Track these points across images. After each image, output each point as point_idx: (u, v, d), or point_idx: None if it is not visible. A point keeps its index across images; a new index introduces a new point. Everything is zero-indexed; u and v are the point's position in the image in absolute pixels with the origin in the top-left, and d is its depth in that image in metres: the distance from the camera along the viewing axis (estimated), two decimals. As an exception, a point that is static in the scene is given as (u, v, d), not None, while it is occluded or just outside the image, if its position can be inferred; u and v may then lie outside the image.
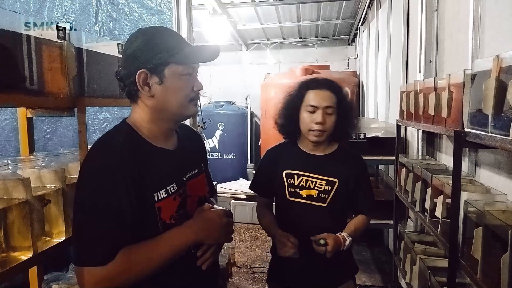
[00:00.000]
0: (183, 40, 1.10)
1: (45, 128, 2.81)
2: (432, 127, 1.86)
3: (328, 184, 1.57)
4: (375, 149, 3.20)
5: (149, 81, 1.03)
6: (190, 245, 1.05)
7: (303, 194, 1.58)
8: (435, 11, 2.61)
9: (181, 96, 1.05)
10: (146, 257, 0.97)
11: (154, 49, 1.02)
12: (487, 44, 1.81)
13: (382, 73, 4.57)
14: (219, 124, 6.82)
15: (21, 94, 1.18)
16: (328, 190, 1.56)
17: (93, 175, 0.97)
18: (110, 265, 0.92)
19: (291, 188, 1.59)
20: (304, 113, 1.56)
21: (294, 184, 1.59)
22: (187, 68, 1.05)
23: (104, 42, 1.95)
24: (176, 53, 1.02)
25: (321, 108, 1.53)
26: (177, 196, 1.07)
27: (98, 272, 0.91)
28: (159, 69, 1.02)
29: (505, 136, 1.08)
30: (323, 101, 1.53)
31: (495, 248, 1.14)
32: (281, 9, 6.00)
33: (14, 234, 1.12)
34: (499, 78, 1.13)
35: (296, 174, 1.59)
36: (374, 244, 4.23)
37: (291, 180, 1.59)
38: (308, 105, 1.54)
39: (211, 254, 1.11)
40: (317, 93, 1.55)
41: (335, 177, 1.57)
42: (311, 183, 1.57)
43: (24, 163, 1.28)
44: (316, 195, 1.56)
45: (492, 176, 1.75)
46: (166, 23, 2.79)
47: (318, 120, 1.52)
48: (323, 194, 1.57)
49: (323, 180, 1.57)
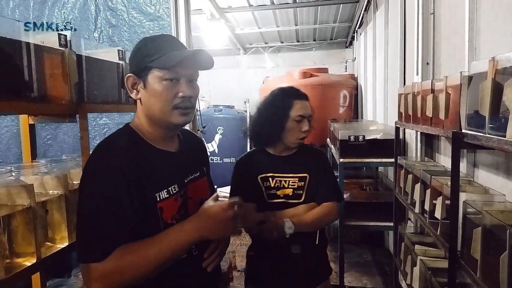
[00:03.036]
0: (174, 45, 1.07)
1: (45, 135, 2.82)
2: (430, 129, 1.87)
3: (301, 180, 1.66)
4: (374, 151, 3.21)
5: (136, 86, 1.06)
6: (193, 243, 1.02)
7: (280, 194, 1.66)
8: (431, 14, 2.63)
9: (161, 101, 1.03)
10: (143, 254, 0.95)
11: (142, 54, 1.05)
12: (483, 47, 1.83)
13: (379, 76, 4.59)
14: (218, 128, 6.82)
15: (23, 101, 1.19)
16: (301, 186, 1.66)
17: (95, 175, 0.99)
18: (108, 259, 0.92)
19: (268, 190, 1.67)
20: (292, 122, 1.64)
21: (270, 186, 1.67)
22: (170, 73, 1.02)
23: (104, 49, 1.97)
24: (158, 57, 1.02)
25: (307, 117, 1.65)
26: (178, 197, 1.08)
27: (96, 268, 0.92)
28: (143, 74, 1.04)
29: (502, 137, 1.09)
30: (308, 110, 1.67)
31: (494, 248, 1.15)
32: (279, 13, 6.03)
33: (17, 240, 1.12)
34: (495, 79, 1.15)
35: (270, 177, 1.67)
36: (375, 246, 4.24)
37: (266, 183, 1.67)
38: (297, 115, 1.64)
39: (217, 255, 1.12)
40: (302, 103, 1.66)
41: (305, 172, 1.67)
42: (285, 182, 1.66)
43: (27, 170, 1.29)
44: (292, 193, 1.65)
45: (490, 177, 1.76)
46: (165, 28, 2.81)
47: (306, 129, 1.64)
48: (298, 190, 1.66)
49: (295, 177, 1.67)
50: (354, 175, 4.52)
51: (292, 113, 1.63)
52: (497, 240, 1.13)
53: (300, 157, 1.72)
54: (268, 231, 1.52)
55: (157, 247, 0.96)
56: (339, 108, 6.15)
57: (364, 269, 3.71)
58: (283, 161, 1.70)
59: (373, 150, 3.22)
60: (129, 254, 0.94)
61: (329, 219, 1.68)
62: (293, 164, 1.69)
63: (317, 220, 1.61)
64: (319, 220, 1.62)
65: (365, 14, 5.50)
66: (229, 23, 6.21)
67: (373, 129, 3.62)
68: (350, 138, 3.24)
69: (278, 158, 1.71)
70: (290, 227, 1.51)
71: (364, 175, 4.61)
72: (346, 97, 6.19)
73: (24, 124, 1.62)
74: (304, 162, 1.70)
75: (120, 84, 1.73)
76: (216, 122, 6.74)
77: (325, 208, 1.64)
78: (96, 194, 0.96)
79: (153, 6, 2.81)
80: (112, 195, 0.95)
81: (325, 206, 1.64)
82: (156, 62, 1.02)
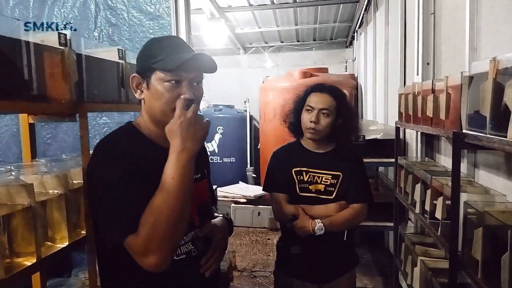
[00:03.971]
0: (179, 47, 1.06)
1: (45, 134, 2.82)
2: (431, 129, 1.87)
3: (334, 178, 1.72)
4: (374, 151, 3.21)
5: (141, 86, 1.08)
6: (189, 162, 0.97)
7: (312, 189, 1.72)
8: (432, 14, 2.63)
9: (162, 102, 1.03)
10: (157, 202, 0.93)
11: (147, 55, 1.06)
12: (484, 47, 1.83)
13: (380, 76, 4.59)
14: (218, 128, 6.82)
15: (23, 100, 1.18)
16: (334, 184, 1.71)
17: (101, 164, 1.01)
18: (140, 228, 0.92)
19: (301, 184, 1.73)
20: (304, 112, 1.73)
21: (303, 180, 1.72)
22: (172, 75, 1.02)
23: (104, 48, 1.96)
24: (161, 59, 1.02)
25: (317, 109, 1.69)
26: None
27: (137, 241, 0.92)
28: (147, 74, 1.05)
29: (503, 137, 1.09)
30: (320, 103, 1.70)
31: (495, 249, 1.15)
32: (279, 12, 6.02)
33: (17, 239, 1.12)
34: (496, 80, 1.15)
35: (304, 171, 1.73)
36: (375, 247, 4.24)
37: (300, 176, 1.73)
38: (307, 105, 1.72)
39: (214, 261, 1.12)
40: (317, 96, 1.72)
41: (339, 171, 1.72)
42: (318, 178, 1.72)
43: (26, 169, 1.29)
44: (323, 189, 1.71)
45: (491, 177, 1.76)
46: (165, 28, 2.81)
47: (312, 119, 1.68)
48: (330, 187, 1.71)
49: (329, 174, 1.72)
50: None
51: (305, 103, 1.73)
52: (498, 241, 1.13)
53: (336, 156, 1.76)
54: (299, 228, 1.62)
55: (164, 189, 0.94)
56: (339, 108, 6.14)
57: (364, 270, 3.70)
58: (319, 158, 1.76)
59: (373, 150, 3.22)
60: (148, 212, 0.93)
61: (358, 221, 1.72)
62: (328, 162, 1.74)
63: (346, 222, 1.68)
64: (348, 222, 1.69)
65: (365, 14, 5.50)
66: (229, 22, 6.21)
67: (373, 129, 3.62)
68: (350, 138, 3.24)
69: (313, 153, 1.77)
70: (321, 228, 1.60)
71: (364, 175, 4.60)
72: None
73: (24, 123, 1.61)
74: (339, 161, 1.74)
75: (120, 84, 1.72)
76: (216, 122, 6.74)
77: (355, 210, 1.69)
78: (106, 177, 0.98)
79: (153, 5, 2.80)
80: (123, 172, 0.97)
81: (354, 207, 1.69)
82: (159, 64, 1.02)
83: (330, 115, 1.69)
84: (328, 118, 1.69)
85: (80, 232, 1.38)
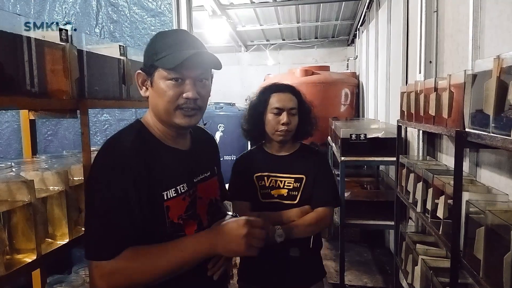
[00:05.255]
0: (183, 43, 1.03)
1: (46, 130, 2.82)
2: (433, 128, 1.86)
3: (296, 181, 1.63)
4: (375, 150, 3.20)
5: (146, 83, 1.06)
6: (204, 256, 1.00)
7: (274, 194, 1.64)
8: (434, 12, 2.62)
9: (164, 101, 1.01)
10: (153, 261, 0.94)
11: (151, 51, 1.05)
12: (487, 45, 1.82)
13: (382, 74, 4.57)
14: (219, 125, 6.81)
15: (24, 96, 1.18)
16: (297, 187, 1.63)
17: (103, 172, 0.98)
18: (116, 260, 0.92)
19: (262, 190, 1.65)
20: (269, 115, 1.64)
21: (265, 186, 1.65)
22: (174, 73, 1.00)
23: (106, 44, 1.95)
24: (163, 56, 1.00)
25: (286, 110, 1.61)
26: (186, 196, 1.07)
27: (104, 267, 0.92)
28: (150, 72, 1.04)
29: (507, 136, 1.09)
30: (287, 103, 1.62)
31: (497, 248, 1.15)
32: (281, 10, 6.01)
33: (18, 236, 1.12)
34: (500, 78, 1.14)
35: (265, 176, 1.66)
36: (375, 245, 4.24)
37: (261, 182, 1.66)
38: (273, 108, 1.62)
39: (222, 265, 1.11)
40: (281, 96, 1.64)
41: (302, 174, 1.64)
42: (280, 182, 1.64)
43: (27, 166, 1.28)
44: (286, 193, 1.63)
45: (493, 176, 1.75)
46: (167, 25, 2.80)
47: (284, 121, 1.60)
48: (293, 191, 1.63)
49: (291, 178, 1.64)
50: (355, 173, 4.52)
51: (269, 106, 1.64)
52: (500, 240, 1.13)
53: (299, 157, 1.69)
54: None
55: (168, 255, 0.96)
56: (341, 106, 6.14)
57: (364, 268, 3.70)
58: (281, 161, 1.68)
59: (375, 148, 3.21)
60: (139, 257, 0.94)
61: (323, 225, 1.63)
62: (290, 164, 1.66)
63: (309, 227, 1.57)
64: (311, 227, 1.58)
65: (368, 12, 5.48)
66: (230, 20, 6.20)
67: (375, 128, 3.61)
68: (351, 137, 3.23)
69: (276, 157, 1.69)
70: (280, 235, 1.48)
71: (365, 173, 4.61)
72: (347, 95, 6.18)
73: (25, 119, 1.61)
74: (302, 163, 1.66)
75: (121, 80, 1.72)
76: (217, 120, 6.73)
77: (319, 214, 1.59)
78: (104, 193, 0.95)
79: (154, 2, 2.79)
80: (120, 193, 0.95)
81: (318, 211, 1.59)
82: (161, 62, 1.00)
83: (296, 114, 1.64)
84: (295, 117, 1.63)
85: (81, 229, 1.37)
